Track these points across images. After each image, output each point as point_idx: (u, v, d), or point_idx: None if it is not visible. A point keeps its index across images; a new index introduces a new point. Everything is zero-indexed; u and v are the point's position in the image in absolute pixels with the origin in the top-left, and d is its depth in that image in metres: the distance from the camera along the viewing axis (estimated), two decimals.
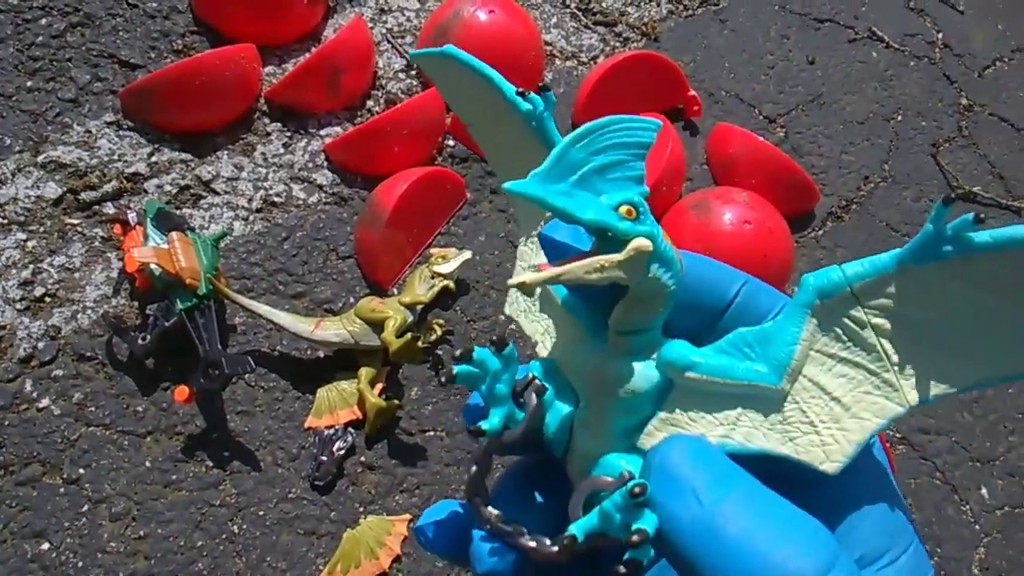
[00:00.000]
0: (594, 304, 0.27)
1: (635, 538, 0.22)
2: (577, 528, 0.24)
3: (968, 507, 0.99)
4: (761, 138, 1.12)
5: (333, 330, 0.86)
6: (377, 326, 0.86)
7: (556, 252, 0.27)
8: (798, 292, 0.25)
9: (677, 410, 0.26)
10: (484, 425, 0.26)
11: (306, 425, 0.86)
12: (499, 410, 0.27)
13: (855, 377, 0.24)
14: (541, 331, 0.30)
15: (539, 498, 0.29)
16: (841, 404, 0.24)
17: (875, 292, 0.24)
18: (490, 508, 0.27)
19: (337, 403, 0.87)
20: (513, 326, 0.95)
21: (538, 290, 0.29)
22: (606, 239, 0.23)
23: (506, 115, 0.30)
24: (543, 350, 0.30)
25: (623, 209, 0.23)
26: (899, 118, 1.30)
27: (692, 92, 1.16)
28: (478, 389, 0.27)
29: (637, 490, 0.22)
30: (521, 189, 0.21)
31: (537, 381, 0.27)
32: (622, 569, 0.22)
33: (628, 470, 0.25)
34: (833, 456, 0.24)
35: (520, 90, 0.29)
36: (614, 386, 0.26)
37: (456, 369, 0.27)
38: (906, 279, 0.23)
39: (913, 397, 0.24)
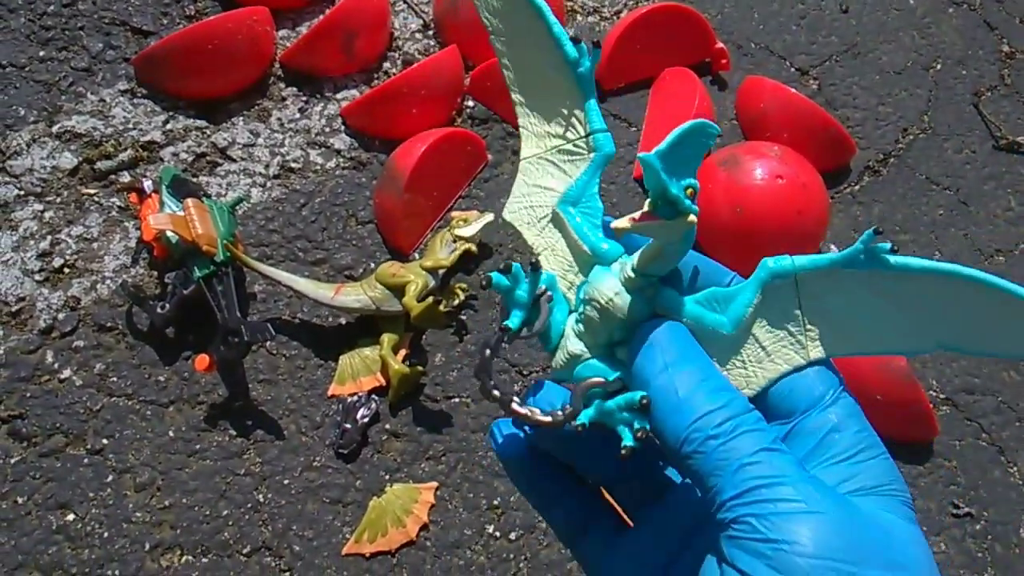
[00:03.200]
0: (608, 243, 0.36)
1: (639, 435, 0.31)
2: (584, 417, 0.33)
3: (1016, 468, 0.95)
4: (793, 90, 1.08)
5: (354, 296, 0.84)
6: (398, 291, 0.84)
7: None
8: (758, 270, 0.34)
9: None
10: (508, 323, 0.35)
11: (329, 393, 0.84)
12: (519, 312, 0.35)
13: (778, 334, 0.34)
14: (544, 246, 0.38)
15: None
16: (765, 351, 0.34)
17: (809, 280, 0.34)
18: (492, 383, 0.35)
19: (360, 370, 0.85)
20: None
21: (549, 213, 0.38)
22: (660, 206, 0.31)
23: (547, 49, 0.37)
24: (546, 263, 0.37)
25: (688, 190, 0.31)
26: (938, 67, 1.25)
27: (720, 45, 1.12)
28: (505, 294, 0.35)
29: (645, 402, 0.32)
30: (649, 159, 0.29)
31: (548, 293, 0.36)
32: (624, 451, 0.32)
33: (618, 376, 0.34)
34: (751, 385, 0.34)
35: (573, 36, 0.36)
36: (618, 310, 0.34)
37: (494, 277, 0.35)
38: (831, 276, 0.33)
39: (814, 355, 0.34)
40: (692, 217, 0.31)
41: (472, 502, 0.82)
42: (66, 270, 0.85)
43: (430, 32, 1.07)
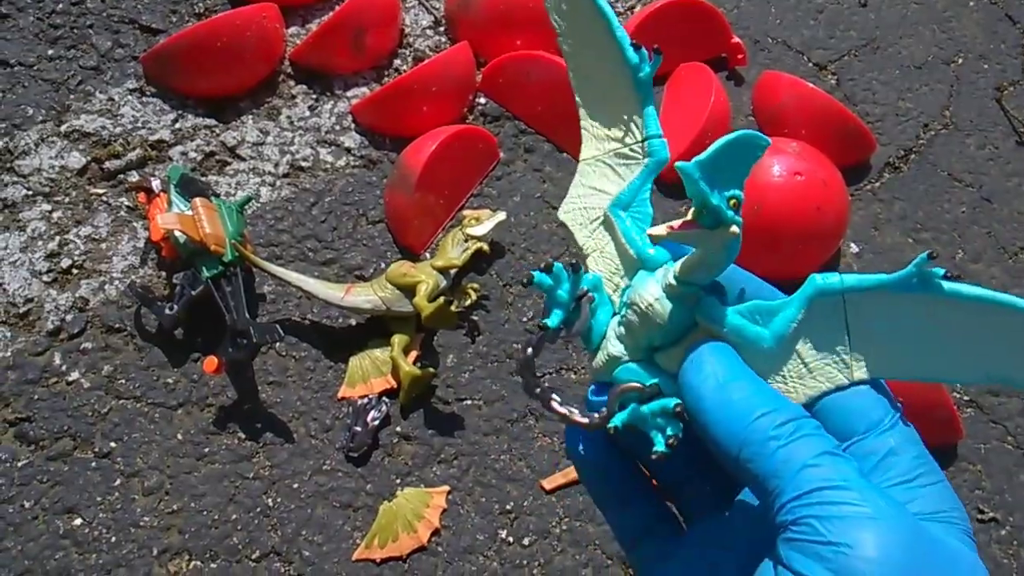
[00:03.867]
0: (655, 248, 0.36)
1: (671, 441, 0.32)
2: (617, 420, 0.33)
3: None
4: (811, 85, 1.05)
5: (364, 296, 0.83)
6: (409, 291, 0.82)
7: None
8: (804, 286, 0.33)
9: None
10: (547, 322, 0.35)
11: (339, 395, 0.83)
12: (559, 312, 0.35)
13: (822, 352, 0.33)
14: (594, 248, 0.38)
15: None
16: (807, 367, 0.34)
17: (857, 300, 0.33)
18: (535, 381, 0.35)
19: (370, 372, 0.84)
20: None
21: (602, 215, 0.38)
22: (703, 215, 0.31)
23: (610, 53, 0.37)
24: (594, 264, 0.38)
25: (731, 201, 0.31)
26: (960, 61, 1.22)
27: (736, 39, 1.10)
28: (547, 293, 0.35)
29: (679, 410, 0.32)
30: (687, 168, 0.29)
31: (590, 294, 0.36)
32: (655, 455, 0.32)
33: (655, 382, 0.34)
34: (792, 400, 0.33)
35: (635, 42, 0.36)
36: (658, 316, 0.34)
37: (536, 276, 0.35)
38: (880, 298, 0.32)
39: (857, 375, 0.33)
40: (735, 228, 0.31)
41: (484, 506, 0.81)
42: (74, 271, 0.84)
43: (441, 28, 1.06)
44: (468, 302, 0.88)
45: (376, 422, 0.81)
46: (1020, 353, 0.31)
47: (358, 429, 0.81)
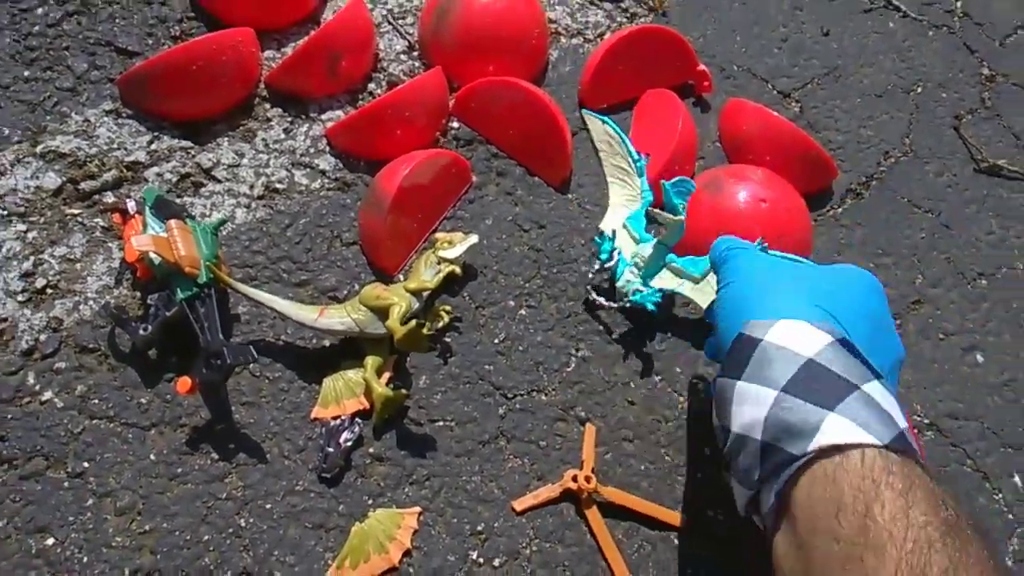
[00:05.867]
0: (647, 236, 0.95)
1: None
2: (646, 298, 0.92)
3: (1001, 496, 0.96)
4: (775, 113, 1.09)
5: (338, 318, 0.84)
6: (382, 313, 0.84)
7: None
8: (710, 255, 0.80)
9: (666, 274, 0.93)
10: (601, 258, 0.94)
11: (312, 416, 0.84)
12: (604, 256, 0.94)
13: (708, 284, 0.91)
14: (620, 235, 0.97)
15: None
16: (706, 287, 0.91)
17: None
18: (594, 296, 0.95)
19: (344, 393, 0.85)
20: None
21: (623, 222, 0.98)
22: (668, 210, 0.93)
23: (622, 153, 1.02)
24: (619, 240, 0.96)
25: (682, 206, 0.92)
26: (919, 90, 1.27)
27: (702, 67, 1.13)
28: (600, 246, 0.94)
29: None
30: (666, 186, 0.92)
31: (616, 251, 0.94)
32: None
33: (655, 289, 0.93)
34: (704, 301, 0.89)
35: (639, 155, 0.99)
36: (649, 261, 0.90)
37: (596, 239, 0.95)
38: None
39: (706, 299, 0.89)
40: (682, 216, 0.88)
41: (456, 527, 0.82)
42: (49, 291, 0.85)
43: (415, 53, 1.08)
44: (441, 324, 0.90)
45: (348, 443, 0.82)
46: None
47: (330, 450, 0.82)
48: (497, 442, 0.87)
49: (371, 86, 1.04)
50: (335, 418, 0.83)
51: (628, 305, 0.92)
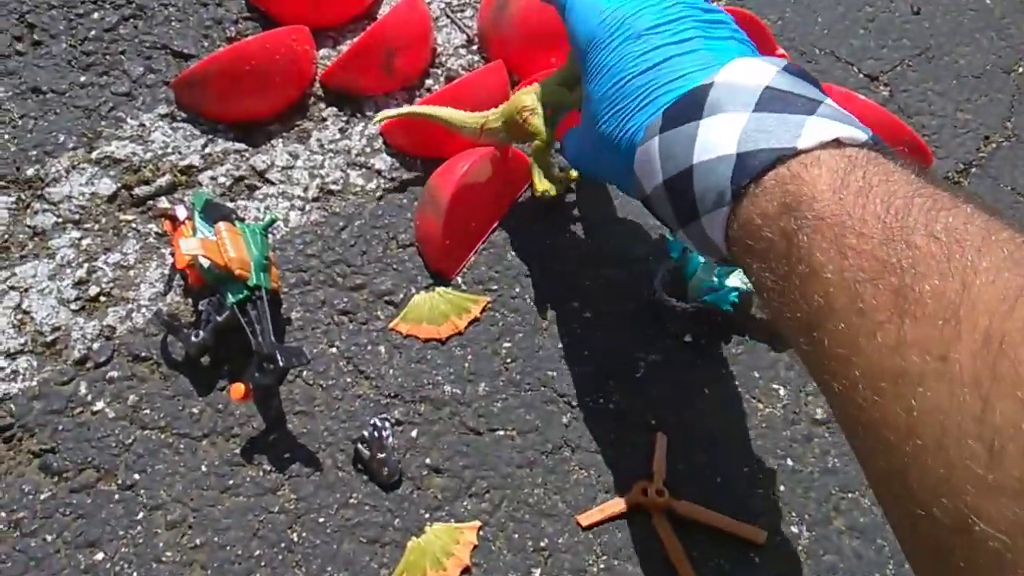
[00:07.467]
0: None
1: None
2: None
3: None
4: (863, 98, 1.00)
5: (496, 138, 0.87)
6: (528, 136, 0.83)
7: None
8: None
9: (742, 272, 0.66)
10: (673, 256, 0.86)
11: (390, 327, 0.85)
12: (674, 256, 0.87)
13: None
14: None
15: None
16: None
17: None
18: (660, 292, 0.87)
19: (437, 316, 0.86)
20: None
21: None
22: None
23: None
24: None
25: None
26: (1020, 70, 1.16)
27: (781, 51, 1.05)
28: (671, 246, 0.87)
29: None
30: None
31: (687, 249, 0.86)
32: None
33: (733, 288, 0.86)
34: None
35: None
36: (711, 266, 0.86)
37: (667, 240, 0.88)
38: None
39: None
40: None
41: (517, 543, 0.77)
42: (102, 298, 0.83)
43: (474, 47, 1.04)
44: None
45: (390, 439, 0.78)
46: None
47: (382, 456, 0.77)
48: (561, 452, 0.81)
49: (428, 82, 1.00)
50: (373, 423, 0.79)
51: (701, 306, 0.86)
